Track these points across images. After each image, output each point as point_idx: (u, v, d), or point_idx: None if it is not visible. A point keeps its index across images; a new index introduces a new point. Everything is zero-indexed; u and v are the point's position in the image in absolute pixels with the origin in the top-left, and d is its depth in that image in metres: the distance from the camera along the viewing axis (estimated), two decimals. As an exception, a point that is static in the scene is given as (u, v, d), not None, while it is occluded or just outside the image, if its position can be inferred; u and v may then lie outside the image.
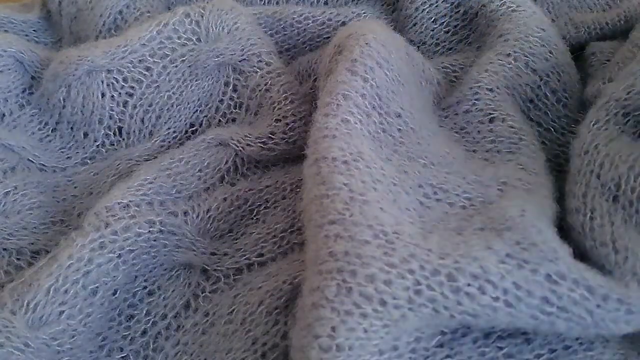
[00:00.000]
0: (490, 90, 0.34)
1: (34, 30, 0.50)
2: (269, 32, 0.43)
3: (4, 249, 0.33)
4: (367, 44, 0.32)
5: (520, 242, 0.24)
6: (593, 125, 0.30)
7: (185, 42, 0.39)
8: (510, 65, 0.36)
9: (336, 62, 0.32)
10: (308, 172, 0.27)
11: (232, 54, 0.39)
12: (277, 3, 0.48)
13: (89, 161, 0.39)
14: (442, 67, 0.40)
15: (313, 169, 0.27)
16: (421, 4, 0.43)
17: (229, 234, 0.33)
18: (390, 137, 0.30)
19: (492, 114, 0.33)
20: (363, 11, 0.44)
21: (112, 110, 0.39)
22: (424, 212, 0.27)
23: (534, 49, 0.37)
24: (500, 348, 0.25)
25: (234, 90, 0.40)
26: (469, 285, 0.22)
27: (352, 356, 0.22)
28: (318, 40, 0.43)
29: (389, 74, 0.32)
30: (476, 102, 0.34)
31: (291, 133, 0.37)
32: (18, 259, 0.32)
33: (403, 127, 0.31)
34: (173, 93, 0.39)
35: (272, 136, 0.37)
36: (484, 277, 0.23)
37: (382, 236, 0.23)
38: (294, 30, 0.44)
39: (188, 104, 0.39)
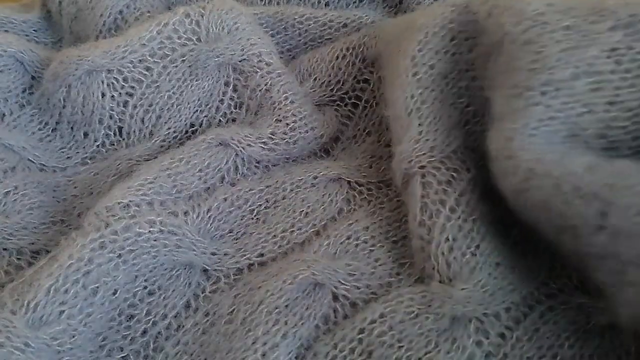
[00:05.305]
0: None
1: (34, 30, 0.50)
2: (270, 32, 0.43)
3: (4, 249, 0.32)
4: None
5: None
6: None
7: (185, 42, 0.39)
8: None
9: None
10: None
11: (232, 54, 0.39)
12: (278, 3, 0.48)
13: (89, 161, 0.39)
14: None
15: None
16: (428, 6, 0.43)
17: (230, 234, 0.33)
18: None
19: None
20: (365, 14, 0.44)
21: (112, 110, 0.39)
22: None
23: None
24: None
25: (234, 90, 0.40)
26: None
27: None
28: (319, 41, 0.43)
29: None
30: None
31: (292, 133, 0.37)
32: (18, 259, 0.32)
33: None
34: (173, 93, 0.39)
35: (273, 136, 0.37)
36: None
37: None
38: (295, 30, 0.43)
39: (188, 104, 0.39)
